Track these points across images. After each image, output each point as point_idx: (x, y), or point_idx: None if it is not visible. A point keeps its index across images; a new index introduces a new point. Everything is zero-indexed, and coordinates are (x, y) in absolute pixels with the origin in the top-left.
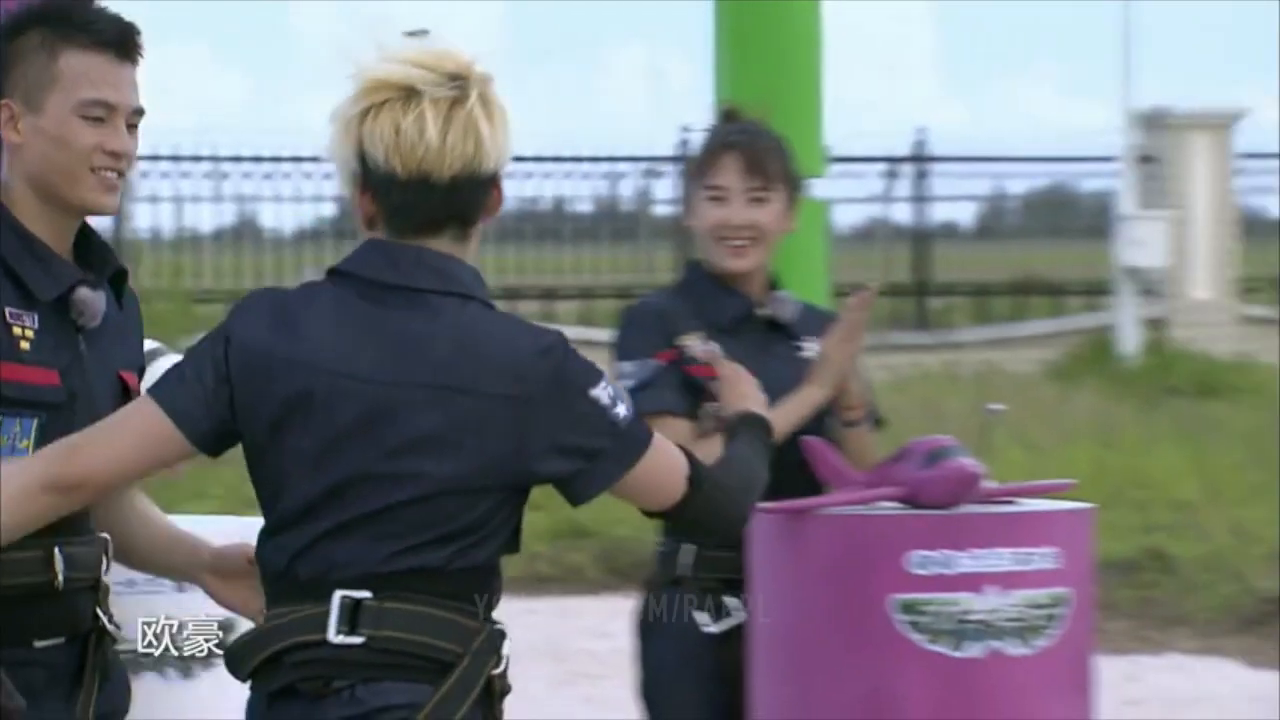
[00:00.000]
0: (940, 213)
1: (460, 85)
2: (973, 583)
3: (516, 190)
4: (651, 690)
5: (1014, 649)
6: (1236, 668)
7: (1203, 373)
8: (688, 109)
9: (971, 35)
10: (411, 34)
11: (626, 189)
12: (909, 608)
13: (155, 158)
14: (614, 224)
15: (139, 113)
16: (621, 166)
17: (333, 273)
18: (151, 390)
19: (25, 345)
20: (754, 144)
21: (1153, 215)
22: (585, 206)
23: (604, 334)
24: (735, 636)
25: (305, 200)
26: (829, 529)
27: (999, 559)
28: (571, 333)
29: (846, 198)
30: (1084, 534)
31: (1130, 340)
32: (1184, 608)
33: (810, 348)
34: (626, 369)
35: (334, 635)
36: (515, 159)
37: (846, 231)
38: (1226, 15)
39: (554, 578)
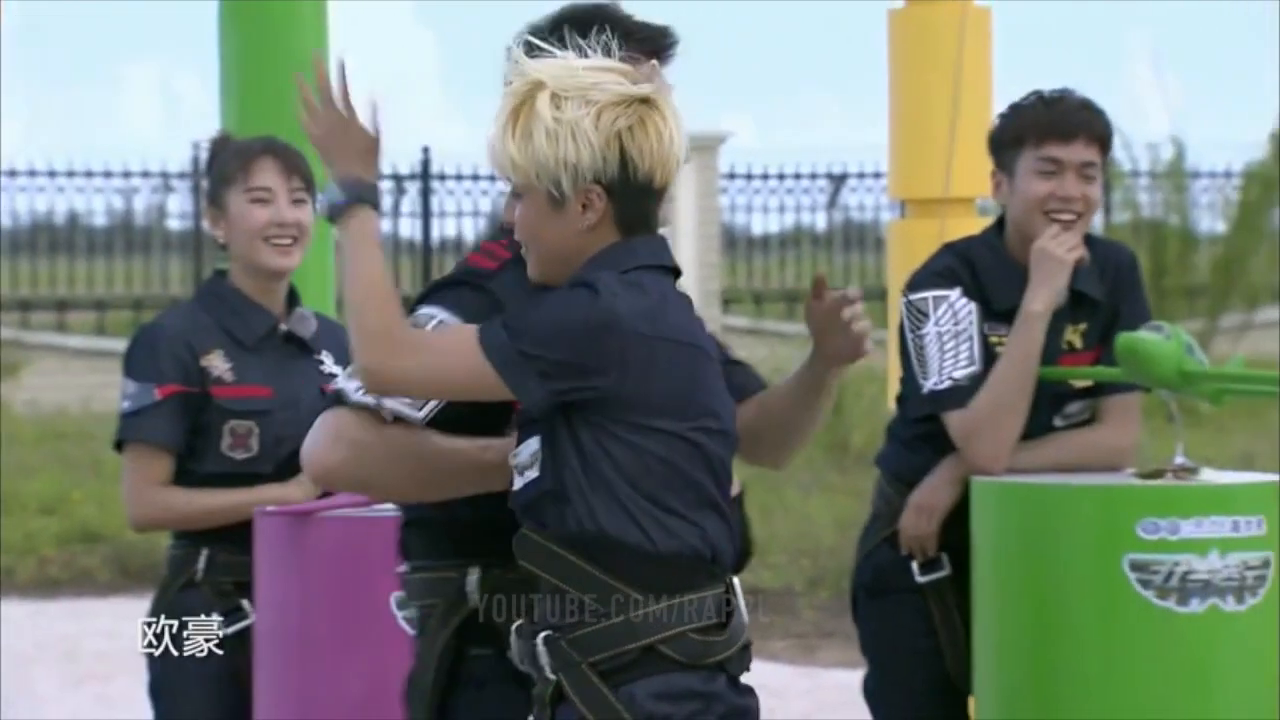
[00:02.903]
0: (445, 227)
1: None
2: None
3: (30, 203)
4: (163, 689)
5: None
6: (777, 662)
7: None
8: (199, 126)
9: (473, 58)
10: None
11: (140, 203)
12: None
13: None
14: (128, 237)
15: None
16: (135, 181)
17: (648, 267)
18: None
19: None
20: (288, 149)
21: None
22: (100, 220)
23: (118, 345)
24: (248, 637)
25: None
26: (331, 531)
27: None
28: (84, 343)
29: None
30: None
31: None
32: None
33: (328, 362)
34: (129, 389)
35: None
36: (29, 172)
37: None
38: (709, 45)
39: (65, 581)
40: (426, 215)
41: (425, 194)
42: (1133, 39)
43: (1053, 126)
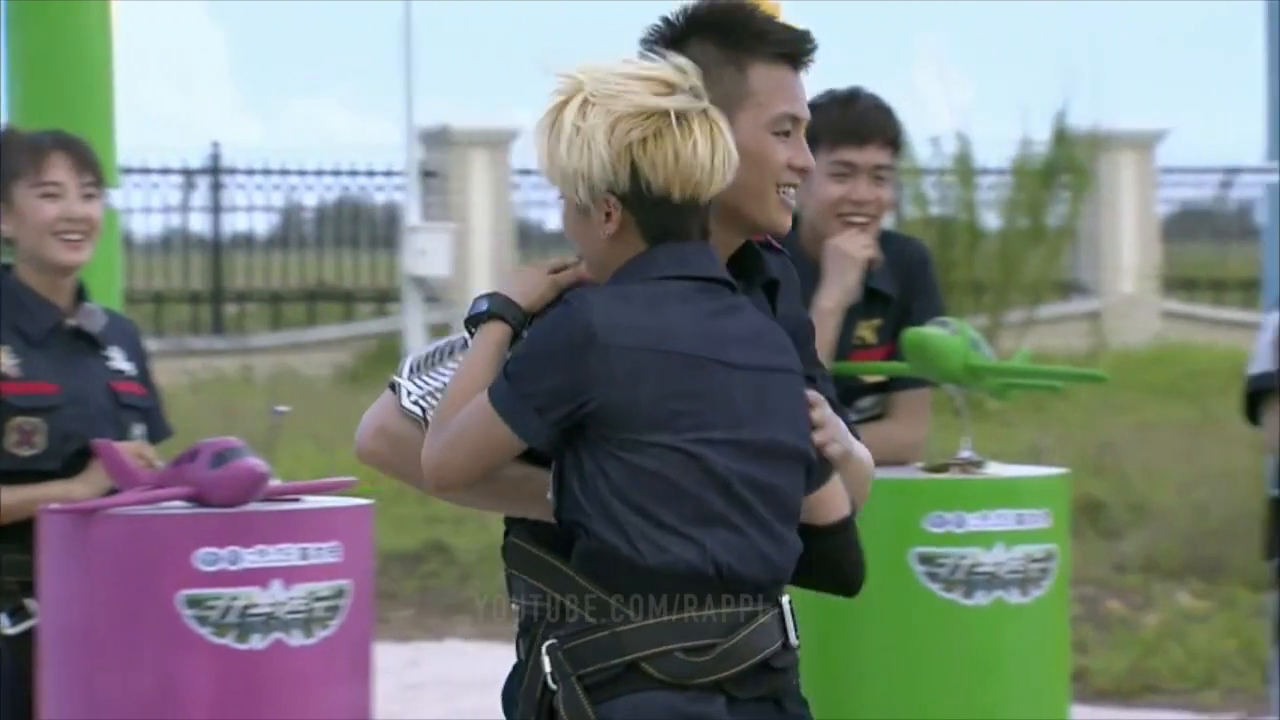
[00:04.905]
0: (236, 223)
1: (697, 96)
2: (258, 577)
3: None
4: None
5: (296, 640)
6: (510, 651)
7: None
8: None
9: (263, 56)
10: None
11: None
12: (196, 603)
13: None
14: None
15: (806, 123)
16: None
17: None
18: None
19: None
20: (79, 143)
21: (436, 227)
22: None
23: None
24: (34, 637)
25: None
26: (117, 529)
27: (283, 554)
28: None
29: (144, 208)
30: (365, 528)
31: (417, 344)
32: (463, 596)
33: (117, 358)
34: None
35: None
36: None
37: (145, 240)
38: (503, 45)
39: None
40: (217, 210)
41: (215, 189)
42: (919, 41)
43: (847, 130)
